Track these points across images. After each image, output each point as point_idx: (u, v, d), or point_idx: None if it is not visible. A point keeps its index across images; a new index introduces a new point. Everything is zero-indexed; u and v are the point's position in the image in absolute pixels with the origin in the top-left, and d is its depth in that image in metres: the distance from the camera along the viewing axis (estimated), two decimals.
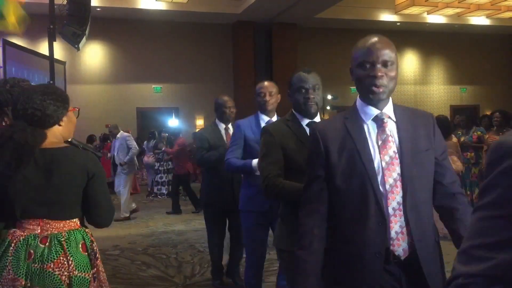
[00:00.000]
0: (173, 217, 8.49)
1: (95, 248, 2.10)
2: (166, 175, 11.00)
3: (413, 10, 16.24)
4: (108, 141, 11.90)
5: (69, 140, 2.23)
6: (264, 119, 3.57)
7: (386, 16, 16.78)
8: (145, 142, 12.49)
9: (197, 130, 14.92)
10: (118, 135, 8.77)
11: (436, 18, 17.17)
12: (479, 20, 17.70)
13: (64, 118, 2.09)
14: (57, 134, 2.06)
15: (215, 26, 16.34)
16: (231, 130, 4.40)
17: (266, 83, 3.64)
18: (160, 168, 11.02)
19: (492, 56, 19.58)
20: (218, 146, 4.31)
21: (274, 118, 3.54)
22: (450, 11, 16.62)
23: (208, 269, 5.23)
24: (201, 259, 5.65)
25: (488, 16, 17.54)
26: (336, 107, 16.73)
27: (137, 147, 8.52)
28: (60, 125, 2.07)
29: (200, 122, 16.36)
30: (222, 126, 4.58)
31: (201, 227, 7.60)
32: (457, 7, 16.20)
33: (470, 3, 15.98)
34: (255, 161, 2.98)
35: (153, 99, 16.21)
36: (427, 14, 16.86)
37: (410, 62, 19.06)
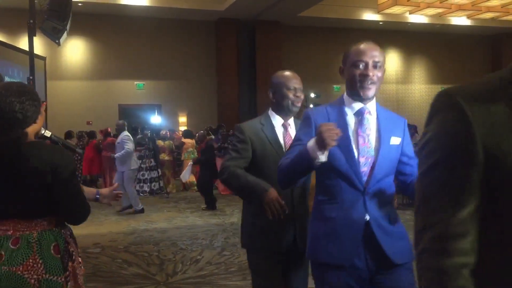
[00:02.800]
0: (155, 215, 8.44)
1: (70, 250, 2.04)
2: (148, 172, 10.91)
3: (396, 9, 16.37)
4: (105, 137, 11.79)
5: (49, 136, 2.19)
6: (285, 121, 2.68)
7: (369, 15, 16.91)
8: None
9: (184, 127, 14.79)
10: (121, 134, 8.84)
11: (418, 18, 17.36)
12: (460, 20, 17.95)
13: (39, 116, 2.06)
14: (31, 132, 2.02)
15: (198, 23, 16.28)
16: (293, 128, 2.67)
17: (296, 74, 2.63)
18: (142, 165, 10.91)
19: (472, 56, 19.88)
20: (267, 155, 2.57)
21: (292, 121, 2.71)
22: (432, 11, 16.80)
23: (191, 266, 5.21)
24: (183, 257, 5.62)
25: (469, 17, 17.78)
26: (319, 105, 16.77)
27: (131, 149, 8.57)
28: (36, 123, 2.04)
29: (183, 120, 16.29)
30: (278, 121, 2.66)
31: (184, 224, 7.59)
32: (439, 7, 16.38)
33: (451, 4, 16.18)
34: (311, 142, 1.90)
35: (136, 95, 16.09)
36: (409, 13, 17.02)
37: (392, 61, 19.24)
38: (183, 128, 14.71)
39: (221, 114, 15.94)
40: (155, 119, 13.93)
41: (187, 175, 9.91)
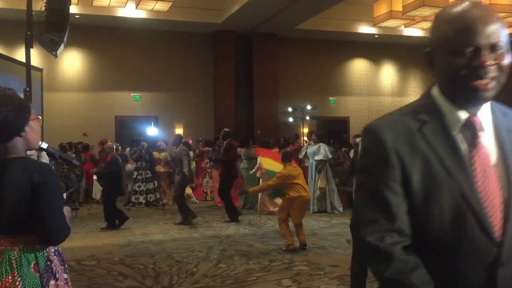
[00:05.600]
0: (151, 227, 8.40)
1: (53, 268, 1.99)
2: (144, 184, 10.89)
3: (391, 23, 16.50)
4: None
5: (46, 148, 2.18)
6: None
7: (365, 28, 17.04)
8: (127, 150, 12.32)
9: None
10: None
11: (413, 31, 17.51)
12: None
13: (26, 129, 1.97)
14: (17, 145, 1.96)
15: (195, 35, 16.35)
16: (489, 133, 1.32)
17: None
18: (138, 177, 10.89)
19: None
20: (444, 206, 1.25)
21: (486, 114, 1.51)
22: (427, 24, 16.93)
23: (187, 279, 5.18)
24: (179, 269, 5.59)
25: None
26: (315, 117, 16.85)
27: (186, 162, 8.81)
28: (21, 136, 1.96)
29: (179, 131, 16.30)
30: (457, 115, 1.28)
31: (180, 236, 7.56)
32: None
33: None
34: None
35: (132, 107, 16.10)
36: (404, 27, 17.17)
37: (387, 74, 19.36)
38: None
39: (218, 125, 15.94)
40: (152, 130, 13.92)
41: None
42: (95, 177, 10.54)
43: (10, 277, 1.88)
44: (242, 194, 9.56)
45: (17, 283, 1.88)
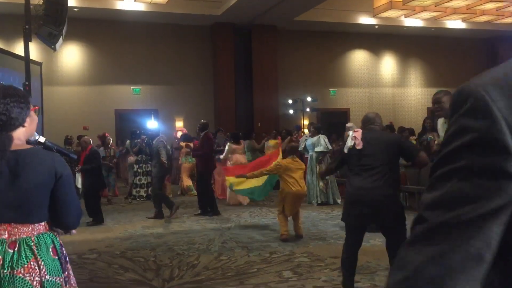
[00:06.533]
0: (152, 220, 8.41)
1: (64, 251, 2.08)
2: (145, 177, 10.88)
3: (391, 13, 16.45)
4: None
5: (43, 142, 2.18)
6: None
7: (365, 19, 16.95)
8: (127, 142, 12.29)
9: (180, 132, 14.74)
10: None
11: (413, 22, 17.43)
12: (455, 23, 18.03)
13: (27, 119, 2.04)
14: (20, 136, 2.02)
15: (194, 28, 16.29)
16: None
17: None
18: (139, 170, 10.89)
19: (468, 59, 19.95)
20: None
21: None
22: (427, 14, 16.89)
23: (188, 271, 5.19)
24: (180, 262, 5.60)
25: (464, 20, 17.87)
26: (316, 109, 16.82)
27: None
28: (24, 126, 2.03)
29: (179, 124, 16.29)
30: None
31: (180, 229, 7.57)
32: (434, 11, 16.47)
33: (447, 7, 16.26)
34: None
35: (132, 100, 16.07)
36: (405, 17, 17.10)
37: (388, 65, 19.29)
38: (179, 133, 14.68)
39: (218, 118, 15.93)
40: (152, 124, 13.89)
41: None
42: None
43: (32, 262, 1.91)
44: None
45: (41, 266, 1.92)
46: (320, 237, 6.74)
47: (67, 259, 2.09)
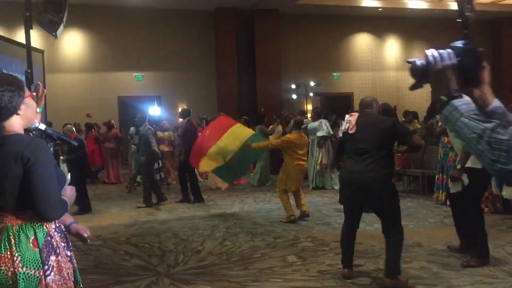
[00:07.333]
0: (156, 206, 8.44)
1: (54, 243, 1.99)
2: None
3: None
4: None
5: (44, 129, 2.16)
6: None
7: (368, 2, 16.76)
8: (132, 128, 12.27)
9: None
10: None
11: (418, 4, 17.24)
12: None
13: (22, 106, 1.97)
14: (14, 124, 1.96)
15: (196, 13, 16.18)
16: None
17: None
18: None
19: (472, 41, 19.71)
20: None
21: None
22: None
23: (192, 257, 5.22)
24: (185, 247, 5.62)
25: None
26: (319, 93, 16.73)
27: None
28: (18, 114, 1.96)
29: None
30: None
31: (185, 215, 7.60)
32: None
33: None
34: None
35: (135, 87, 16.04)
36: None
37: (392, 48, 19.12)
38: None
39: (221, 104, 15.87)
40: (155, 110, 13.88)
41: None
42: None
43: (8, 253, 1.88)
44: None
45: (15, 258, 1.88)
46: (324, 221, 6.75)
47: (58, 251, 2.00)
